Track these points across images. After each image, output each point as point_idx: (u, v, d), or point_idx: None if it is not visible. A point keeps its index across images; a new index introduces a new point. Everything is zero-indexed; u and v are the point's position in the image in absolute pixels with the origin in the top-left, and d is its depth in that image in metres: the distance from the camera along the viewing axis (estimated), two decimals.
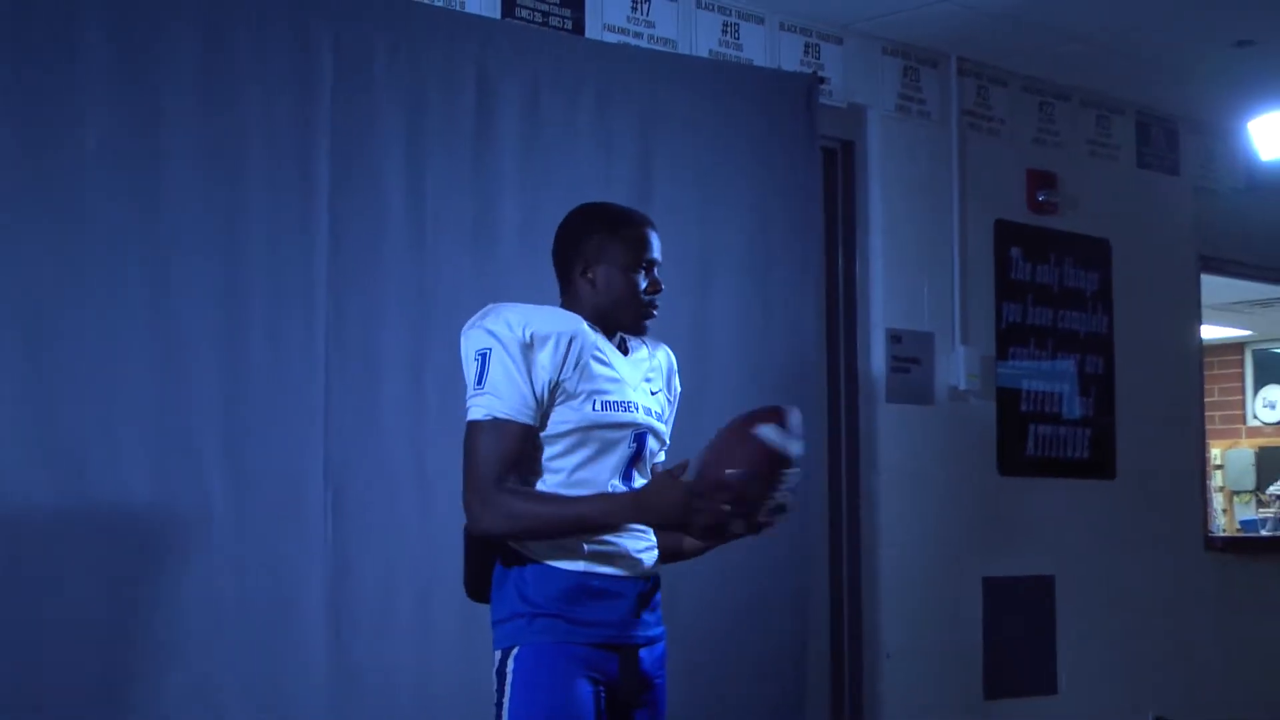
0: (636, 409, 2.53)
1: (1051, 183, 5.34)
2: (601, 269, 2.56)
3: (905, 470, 4.86)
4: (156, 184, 3.41)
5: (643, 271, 2.57)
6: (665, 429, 2.63)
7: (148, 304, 3.39)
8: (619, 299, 2.56)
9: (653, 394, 2.61)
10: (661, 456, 2.67)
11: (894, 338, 4.88)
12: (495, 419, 2.44)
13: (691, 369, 4.18)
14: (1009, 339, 5.22)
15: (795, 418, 2.43)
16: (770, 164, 4.44)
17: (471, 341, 2.48)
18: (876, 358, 4.83)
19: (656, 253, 2.60)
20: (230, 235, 3.49)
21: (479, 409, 2.45)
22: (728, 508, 2.36)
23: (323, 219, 3.62)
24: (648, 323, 2.60)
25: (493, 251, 3.85)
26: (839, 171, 4.83)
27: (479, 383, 2.45)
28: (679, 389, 2.74)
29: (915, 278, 4.95)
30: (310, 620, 3.53)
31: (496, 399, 2.44)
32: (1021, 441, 5.23)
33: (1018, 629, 5.12)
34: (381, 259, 3.70)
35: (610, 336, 2.58)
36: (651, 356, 2.65)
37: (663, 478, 2.42)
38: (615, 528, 2.47)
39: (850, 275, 4.82)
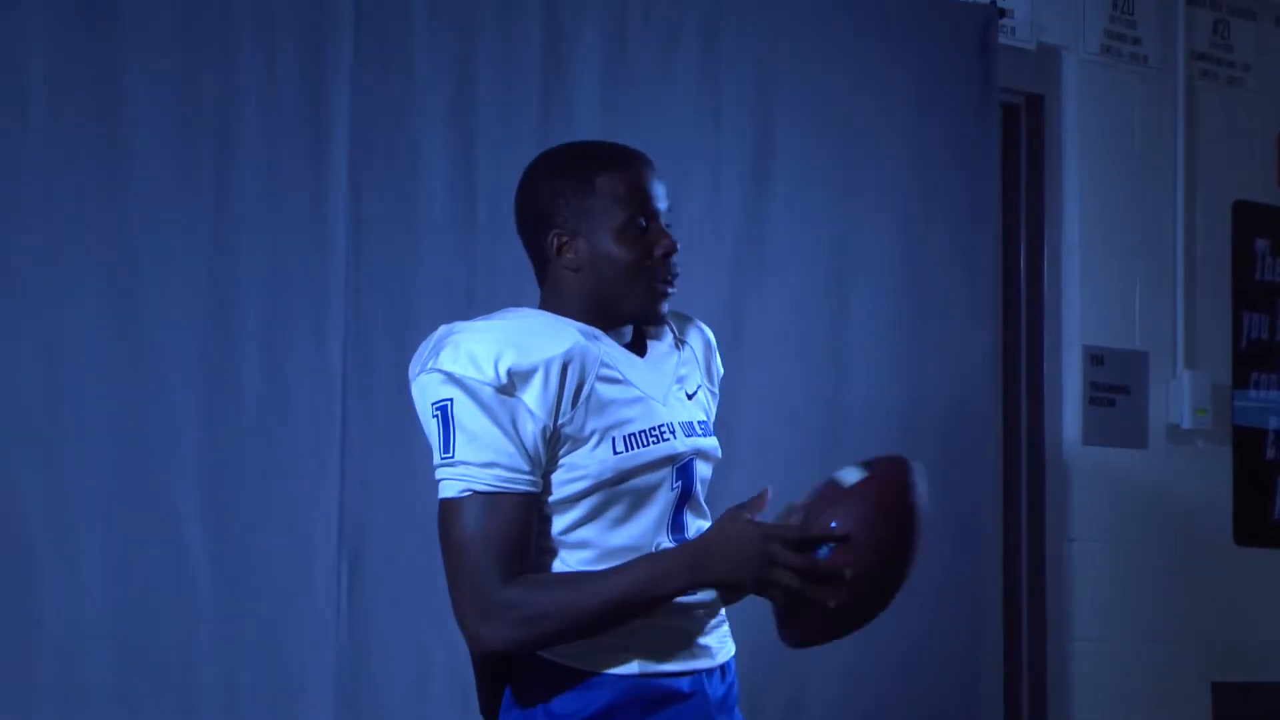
0: (673, 433, 2.44)
1: None
2: (583, 242, 2.44)
3: (1107, 538, 4.90)
4: (122, 164, 3.51)
5: (643, 229, 2.45)
6: (714, 442, 2.52)
7: (110, 317, 3.49)
8: (618, 278, 2.44)
9: (689, 397, 2.52)
10: (707, 472, 2.54)
11: (1094, 359, 4.92)
12: (478, 494, 2.34)
13: (824, 402, 4.32)
14: (1251, 361, 5.24)
15: (920, 474, 2.41)
16: (930, 127, 4.51)
17: (425, 392, 2.38)
18: (1070, 386, 4.87)
19: (660, 199, 2.46)
20: (219, 229, 3.59)
21: (452, 483, 2.35)
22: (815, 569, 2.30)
23: (340, 209, 3.72)
24: (665, 302, 2.47)
25: None
26: (1023, 136, 4.89)
27: (446, 449, 2.35)
28: (721, 370, 2.64)
29: (1124, 279, 4.99)
30: None
31: (474, 467, 2.34)
32: (1267, 499, 5.25)
33: None
34: (417, 259, 3.80)
35: (616, 335, 2.48)
36: (679, 346, 2.55)
37: (732, 515, 2.34)
38: (672, 597, 2.35)
39: (1036, 276, 4.87)
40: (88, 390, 3.46)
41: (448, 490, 2.37)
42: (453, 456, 2.35)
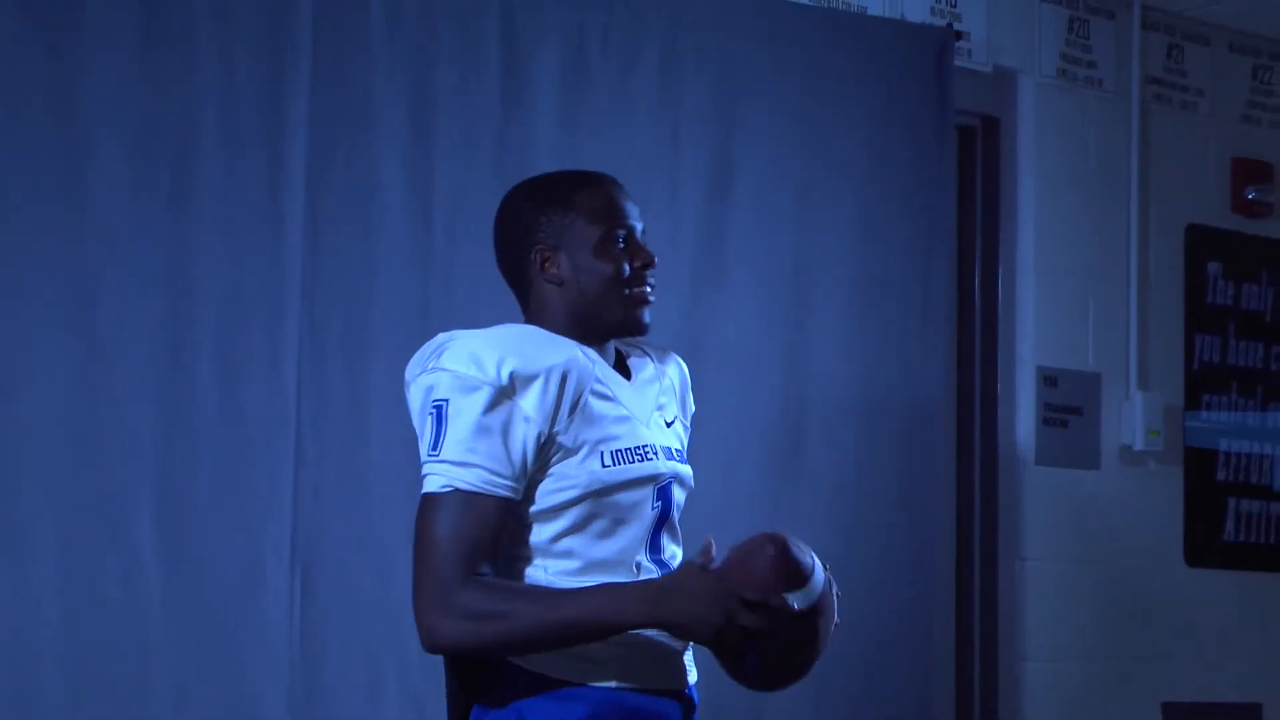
0: (655, 454, 2.54)
1: (1265, 175, 5.39)
2: (564, 257, 2.56)
3: (1059, 558, 4.92)
4: (79, 173, 3.51)
5: (621, 245, 2.57)
6: (689, 471, 2.63)
7: (65, 328, 3.49)
8: (599, 290, 2.55)
9: (668, 425, 2.62)
10: (681, 498, 2.63)
11: (1048, 380, 4.94)
12: (459, 491, 2.41)
13: (783, 417, 4.33)
14: (1203, 383, 5.27)
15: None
16: (887, 147, 4.53)
17: (424, 390, 2.47)
18: (1024, 406, 4.89)
19: (634, 217, 2.60)
20: (175, 240, 3.59)
21: (435, 479, 2.43)
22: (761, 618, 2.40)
23: (296, 213, 3.73)
24: (646, 311, 2.58)
25: None
26: (978, 158, 4.91)
27: (434, 446, 2.43)
28: (693, 408, 2.74)
29: (1077, 300, 5.01)
30: None
31: (459, 466, 2.42)
32: (1218, 522, 5.28)
33: None
34: (373, 273, 3.81)
35: (602, 352, 2.57)
36: (660, 375, 2.65)
37: (693, 567, 2.43)
38: (624, 629, 2.42)
39: (991, 296, 4.90)
40: (41, 402, 3.45)
41: (430, 485, 2.45)
42: (439, 454, 2.43)
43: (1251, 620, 5.30)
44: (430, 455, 2.44)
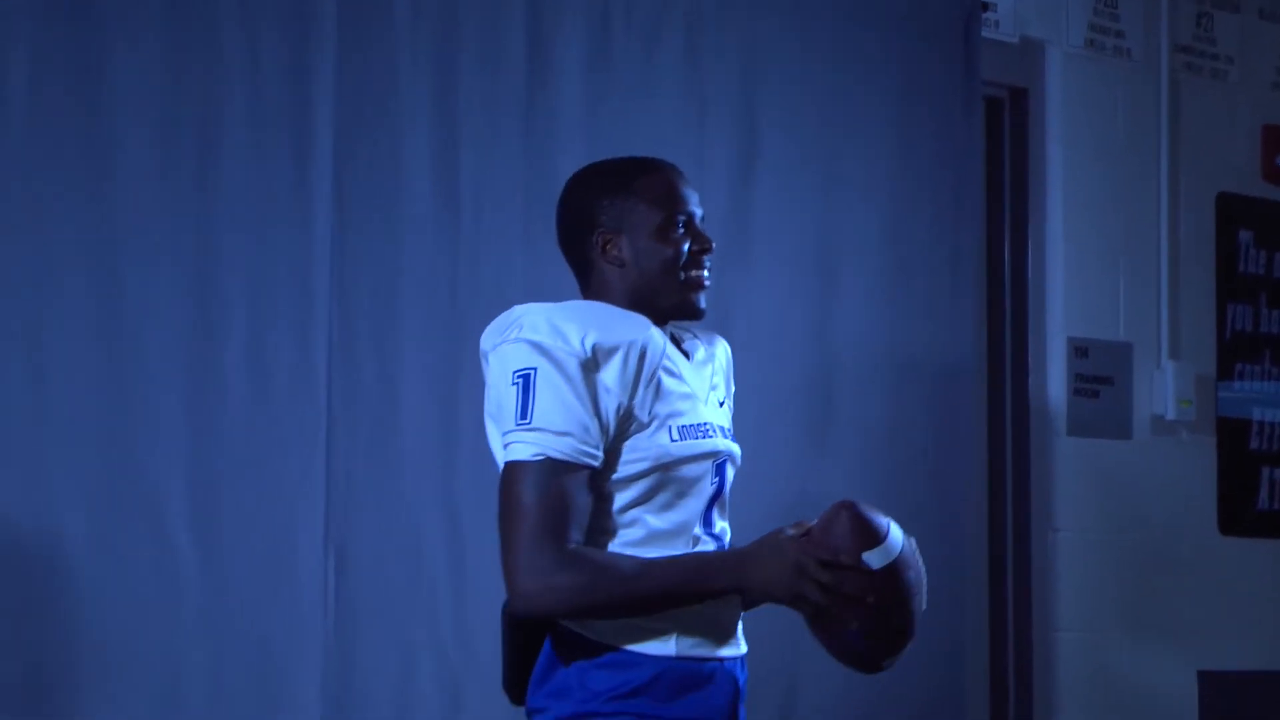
0: (714, 431, 2.60)
1: None
2: (626, 240, 2.61)
3: (1092, 528, 4.93)
4: (106, 161, 3.52)
5: (681, 230, 2.63)
6: (739, 450, 2.68)
7: (91, 312, 3.50)
8: (658, 273, 2.60)
9: (721, 405, 2.68)
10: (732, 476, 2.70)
11: (1078, 350, 4.95)
12: (551, 460, 2.46)
13: (809, 392, 4.35)
14: (1236, 352, 5.27)
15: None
16: (915, 121, 4.53)
17: (506, 360, 2.50)
18: (1054, 377, 4.90)
19: (694, 203, 2.66)
20: (200, 221, 3.60)
21: (525, 447, 2.46)
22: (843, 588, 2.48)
23: (324, 199, 3.73)
24: (701, 295, 2.64)
25: (549, 240, 3.90)
26: (1006, 129, 4.91)
27: (523, 415, 2.46)
28: (733, 388, 2.79)
29: (1108, 270, 5.01)
30: None
31: (551, 435, 2.46)
32: (1251, 491, 5.28)
33: None
34: (402, 251, 3.82)
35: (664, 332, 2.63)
36: (711, 357, 2.70)
37: (775, 533, 2.52)
38: (711, 596, 2.51)
39: (1020, 268, 4.90)
40: (72, 388, 3.47)
41: (519, 453, 2.47)
42: (530, 422, 2.46)
43: None
44: (520, 424, 2.47)
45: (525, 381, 2.47)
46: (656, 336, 2.54)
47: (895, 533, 2.56)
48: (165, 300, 3.56)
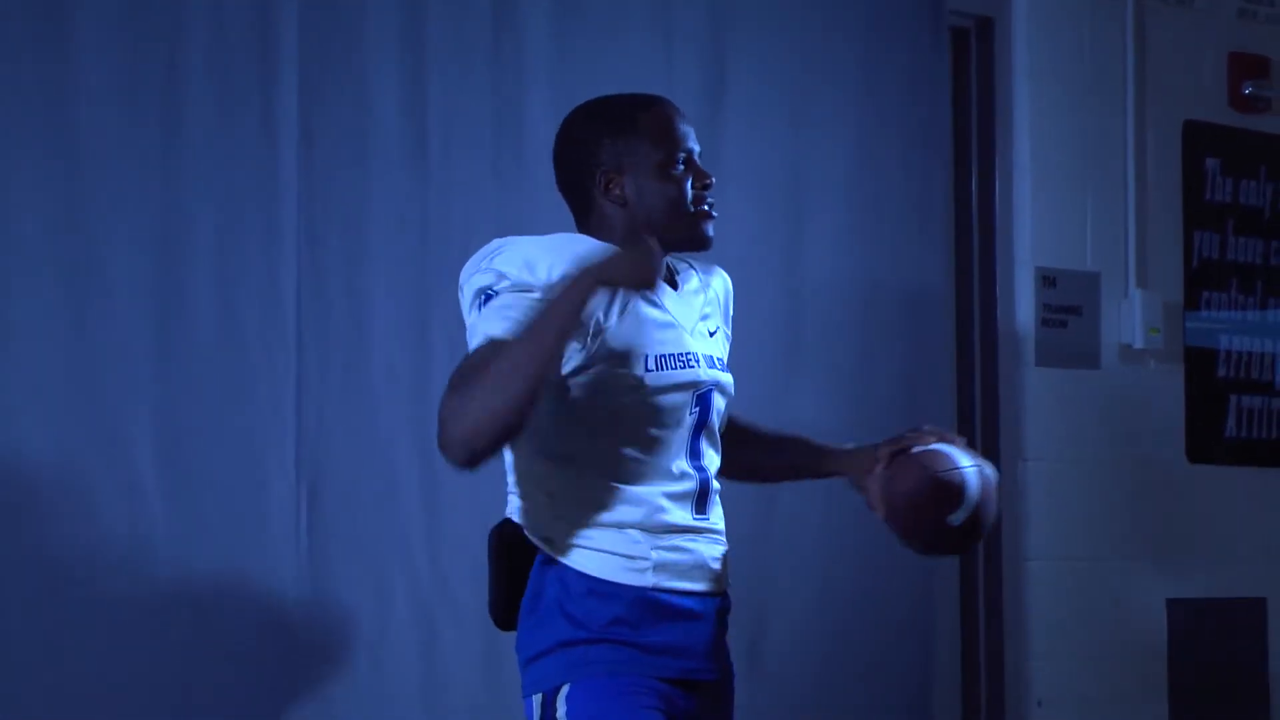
0: (698, 362, 2.61)
1: (1263, 70, 5.39)
2: (629, 179, 2.63)
3: (1061, 457, 4.96)
4: (69, 90, 3.51)
5: (681, 166, 2.65)
6: (730, 379, 2.69)
7: (59, 251, 3.50)
8: (665, 210, 2.63)
9: (711, 335, 2.69)
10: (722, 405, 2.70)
11: (1046, 280, 4.97)
12: (492, 340, 2.45)
13: (780, 325, 4.36)
14: (1203, 281, 5.29)
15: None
16: (881, 51, 4.54)
17: (475, 289, 2.53)
18: (1023, 307, 4.92)
19: (692, 140, 2.68)
20: (164, 158, 3.60)
21: (480, 335, 2.47)
22: None
23: (289, 136, 3.73)
24: (710, 225, 2.66)
25: (519, 175, 3.95)
26: (973, 59, 4.92)
27: (482, 312, 2.48)
28: (732, 314, 2.80)
29: (1075, 200, 5.03)
30: (280, 659, 3.67)
31: (504, 321, 2.45)
32: (1219, 419, 5.31)
33: (1215, 669, 5.22)
34: (369, 189, 3.82)
35: None
36: (705, 286, 2.72)
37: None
38: (585, 299, 2.45)
39: (987, 197, 4.92)
40: (36, 325, 3.47)
41: (474, 343, 2.47)
42: (484, 313, 2.47)
43: (1255, 516, 5.34)
44: (476, 318, 2.49)
45: (485, 300, 2.49)
46: None
47: (971, 486, 2.65)
48: (131, 234, 3.56)
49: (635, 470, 2.57)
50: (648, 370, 2.56)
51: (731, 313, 2.79)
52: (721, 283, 2.76)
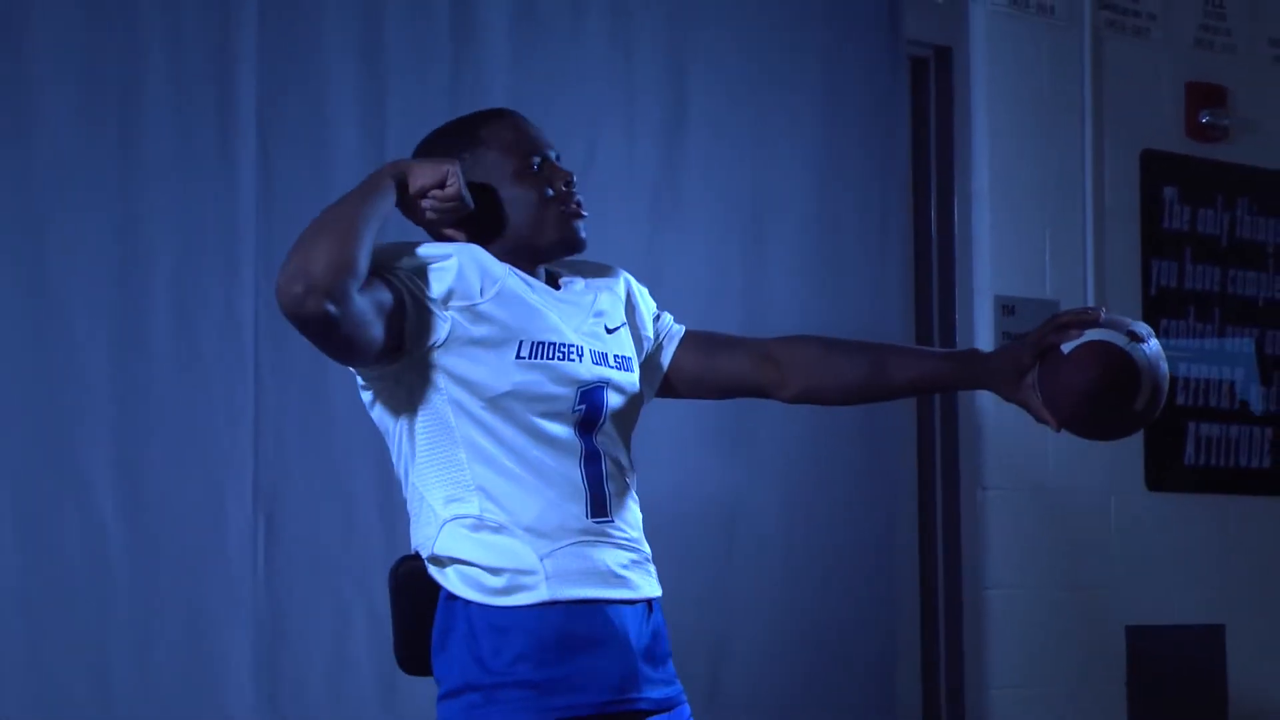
0: (580, 355, 2.52)
1: (1219, 99, 5.43)
2: (488, 194, 2.55)
3: (1021, 485, 4.98)
4: (26, 113, 3.51)
5: (538, 168, 2.57)
6: (630, 378, 2.60)
7: (15, 273, 3.49)
8: (529, 216, 2.56)
9: (610, 331, 2.60)
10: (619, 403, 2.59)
11: (1005, 308, 4.99)
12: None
13: None
14: (1161, 309, 5.32)
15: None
16: (841, 79, 4.57)
17: None
18: (981, 335, 4.94)
19: (546, 145, 2.61)
20: (121, 183, 3.60)
21: None
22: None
23: (249, 155, 3.74)
24: (581, 224, 2.58)
25: None
26: (931, 89, 4.95)
27: None
28: (653, 307, 2.73)
29: (1034, 228, 5.06)
30: (235, 688, 3.66)
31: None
32: (1178, 446, 5.34)
33: (1174, 696, 5.23)
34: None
35: (534, 274, 2.58)
36: (598, 287, 2.63)
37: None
38: (381, 178, 2.47)
39: (946, 225, 4.94)
40: None
41: None
42: None
43: (1213, 543, 5.36)
44: None
45: None
46: (492, 260, 2.50)
47: (1140, 362, 2.52)
48: (88, 259, 3.55)
49: (517, 474, 2.47)
50: (519, 358, 2.48)
51: (648, 304, 2.72)
52: (621, 281, 2.68)
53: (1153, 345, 2.56)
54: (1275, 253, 5.57)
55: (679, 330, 2.76)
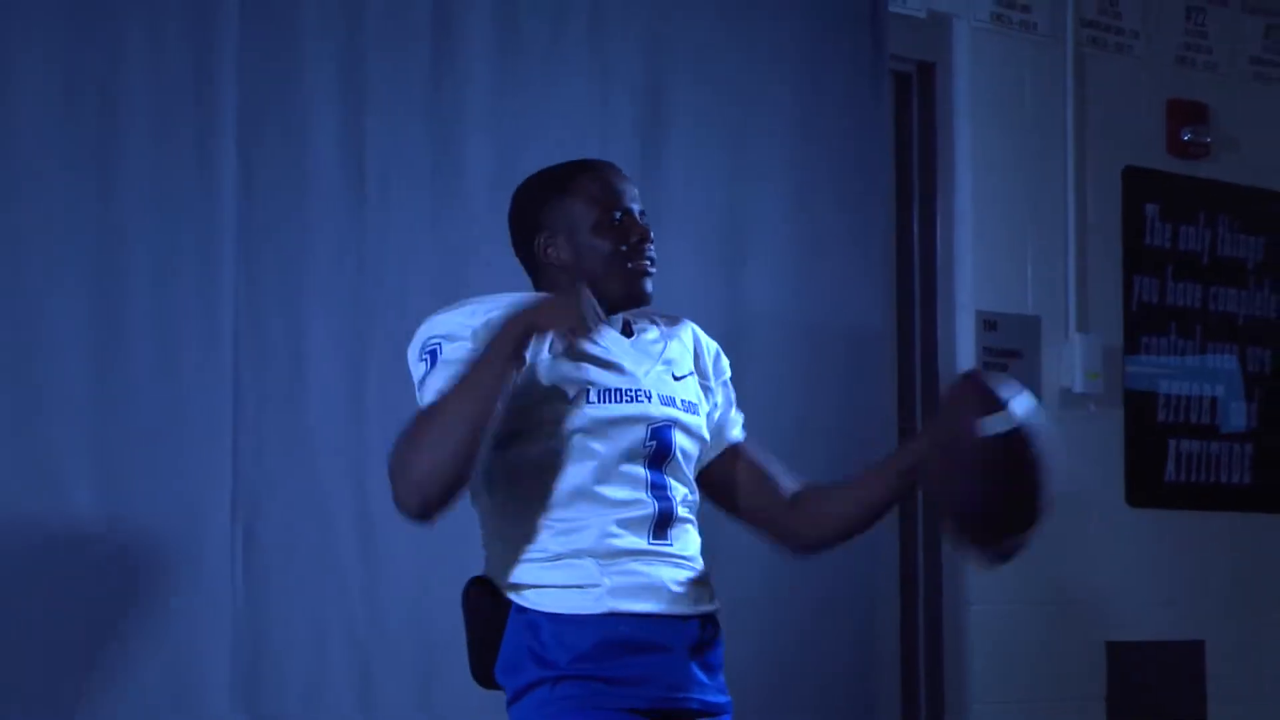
0: (649, 397, 2.68)
1: (1201, 116, 5.44)
2: (563, 240, 2.73)
3: None
4: (5, 128, 3.50)
5: (618, 222, 2.72)
6: (697, 421, 2.75)
7: None
8: (600, 267, 2.70)
9: (677, 379, 2.76)
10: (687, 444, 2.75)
11: (987, 324, 4.99)
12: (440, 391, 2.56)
13: None
14: (1142, 325, 5.33)
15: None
16: (822, 96, 4.56)
17: (416, 345, 2.64)
18: (964, 350, 4.94)
19: (630, 199, 2.76)
20: (102, 193, 3.59)
21: (429, 392, 2.57)
22: None
23: (229, 169, 3.73)
24: (648, 281, 2.73)
25: (456, 210, 3.96)
26: (914, 104, 4.95)
27: (429, 371, 2.60)
28: (726, 370, 2.88)
29: (1016, 244, 5.06)
30: (213, 700, 3.65)
31: (447, 372, 2.56)
32: (1159, 462, 5.34)
33: (1154, 712, 5.23)
34: (308, 222, 3.81)
35: (609, 323, 2.72)
36: (669, 336, 2.79)
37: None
38: (517, 341, 2.54)
39: (929, 242, 4.94)
40: None
41: (425, 398, 2.58)
42: (433, 370, 2.59)
43: (1194, 559, 5.36)
44: (425, 376, 2.60)
45: (433, 354, 2.61)
46: None
47: (1020, 404, 2.67)
48: (67, 272, 3.54)
49: (585, 503, 2.64)
50: (589, 403, 2.63)
51: (720, 364, 2.87)
52: (690, 333, 2.84)
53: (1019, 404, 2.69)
54: (1256, 269, 5.58)
55: (729, 440, 2.88)
